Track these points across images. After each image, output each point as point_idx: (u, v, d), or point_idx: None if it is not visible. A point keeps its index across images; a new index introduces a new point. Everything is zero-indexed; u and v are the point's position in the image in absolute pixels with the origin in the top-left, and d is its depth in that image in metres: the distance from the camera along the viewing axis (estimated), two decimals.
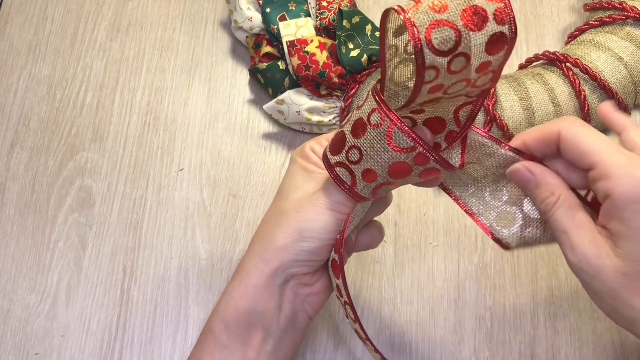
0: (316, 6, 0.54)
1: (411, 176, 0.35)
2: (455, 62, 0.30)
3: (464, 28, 0.29)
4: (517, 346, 0.49)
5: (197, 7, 0.62)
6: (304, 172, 0.40)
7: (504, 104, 0.51)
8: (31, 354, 0.50)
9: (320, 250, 0.39)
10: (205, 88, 0.58)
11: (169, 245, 0.53)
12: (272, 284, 0.39)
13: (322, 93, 0.52)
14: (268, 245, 0.39)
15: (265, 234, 0.40)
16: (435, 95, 0.33)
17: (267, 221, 0.41)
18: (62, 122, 0.57)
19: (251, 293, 0.39)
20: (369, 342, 0.39)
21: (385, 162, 0.35)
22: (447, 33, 0.29)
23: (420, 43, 0.29)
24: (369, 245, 0.43)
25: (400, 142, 0.34)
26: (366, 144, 0.35)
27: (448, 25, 0.29)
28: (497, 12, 0.30)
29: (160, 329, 0.50)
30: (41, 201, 0.54)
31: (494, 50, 0.30)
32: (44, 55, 0.60)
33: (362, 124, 0.35)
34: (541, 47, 0.59)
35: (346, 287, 0.38)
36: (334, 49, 0.52)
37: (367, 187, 0.36)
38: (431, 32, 0.29)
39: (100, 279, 0.52)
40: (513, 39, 0.30)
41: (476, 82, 0.33)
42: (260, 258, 0.39)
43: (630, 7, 0.52)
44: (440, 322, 0.50)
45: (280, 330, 0.40)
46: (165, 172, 0.55)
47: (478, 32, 0.29)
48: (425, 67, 0.29)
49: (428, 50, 0.29)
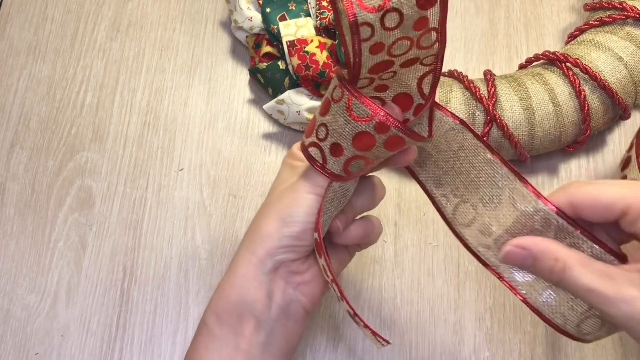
0: (316, 6, 0.54)
1: (377, 147, 0.36)
2: (389, 18, 0.31)
3: None
4: (517, 346, 0.49)
5: (197, 7, 0.62)
6: (289, 168, 0.42)
7: (504, 104, 0.51)
8: (31, 354, 0.50)
9: (304, 234, 0.39)
10: (205, 88, 0.58)
11: (169, 245, 0.53)
12: (260, 272, 0.39)
13: (322, 93, 0.52)
14: (254, 236, 0.40)
15: (252, 227, 0.41)
16: (381, 57, 0.34)
17: (255, 217, 0.42)
18: (62, 122, 0.57)
19: (240, 282, 0.39)
20: (359, 317, 0.39)
21: (349, 133, 0.36)
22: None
23: (351, 0, 0.31)
24: (363, 237, 0.43)
25: (360, 112, 0.35)
26: (330, 119, 0.36)
27: None
28: None
29: (160, 329, 0.50)
30: (41, 201, 0.54)
31: (426, 4, 0.32)
32: (44, 55, 0.60)
33: (327, 102, 0.37)
34: (541, 47, 0.59)
35: (329, 265, 0.38)
36: (334, 49, 0.52)
37: (336, 162, 0.37)
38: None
39: (100, 279, 0.52)
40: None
41: (420, 41, 0.34)
42: (247, 249, 0.40)
43: (630, 7, 0.52)
44: (440, 322, 0.50)
45: (273, 320, 0.40)
46: (165, 172, 0.55)
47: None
48: (358, 23, 0.31)
49: (358, 7, 0.31)
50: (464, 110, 0.51)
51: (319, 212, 0.39)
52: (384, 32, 0.32)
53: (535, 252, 0.34)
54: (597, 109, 0.52)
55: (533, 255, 0.34)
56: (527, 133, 0.51)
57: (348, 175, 0.38)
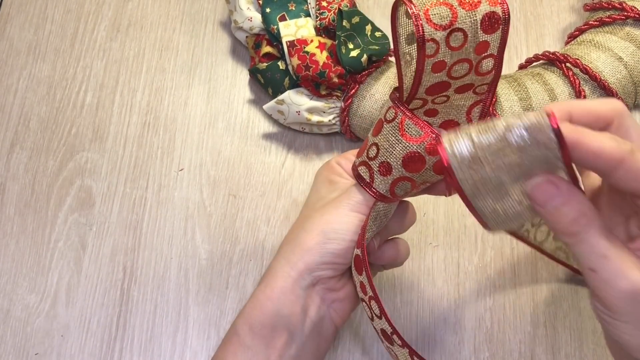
0: (316, 6, 0.54)
1: (426, 170, 0.37)
2: (454, 38, 0.33)
3: (459, 7, 0.32)
4: (517, 346, 0.49)
5: (197, 7, 0.62)
6: (328, 183, 0.42)
7: (503, 104, 0.51)
8: (31, 354, 0.50)
9: (345, 252, 0.39)
10: (205, 88, 0.58)
11: (169, 245, 0.53)
12: (297, 286, 0.39)
13: (322, 93, 0.52)
14: (294, 248, 0.40)
15: (291, 238, 0.41)
16: (440, 76, 0.35)
17: (293, 228, 0.42)
18: (62, 122, 0.57)
19: (277, 295, 0.39)
20: (397, 335, 0.38)
21: (399, 152, 0.37)
22: (443, 10, 0.32)
23: (420, 18, 0.32)
24: (394, 258, 0.43)
25: (412, 132, 0.36)
26: (382, 139, 0.37)
27: (444, 5, 0.32)
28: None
29: (160, 329, 0.50)
30: (41, 201, 0.54)
31: (489, 29, 0.33)
32: (44, 55, 0.60)
33: (380, 122, 0.38)
34: (541, 47, 0.59)
35: (371, 282, 0.38)
36: (334, 49, 0.52)
37: (384, 181, 0.38)
38: (429, 10, 0.32)
39: (100, 279, 0.52)
40: (507, 20, 0.33)
41: (479, 66, 0.35)
42: (286, 261, 0.40)
43: (630, 7, 0.52)
44: (440, 322, 0.50)
45: (305, 335, 0.40)
46: (165, 172, 0.55)
47: (472, 10, 0.33)
48: (425, 39, 0.32)
49: (426, 23, 0.32)
50: None
51: (363, 230, 0.39)
52: (447, 51, 0.33)
53: (567, 196, 0.30)
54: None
55: (565, 198, 0.29)
56: None
57: (393, 196, 0.39)
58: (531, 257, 0.52)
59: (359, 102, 0.52)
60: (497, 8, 0.33)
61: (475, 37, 0.33)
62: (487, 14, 0.33)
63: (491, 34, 0.34)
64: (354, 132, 0.54)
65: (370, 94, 0.52)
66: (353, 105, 0.53)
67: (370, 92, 0.52)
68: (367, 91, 0.52)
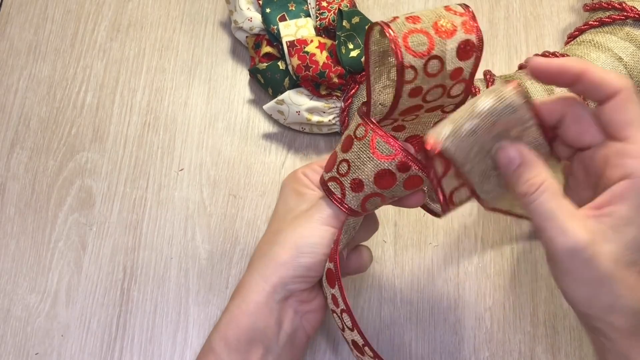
0: (316, 6, 0.54)
1: (397, 186, 0.38)
2: (431, 65, 0.34)
3: (435, 35, 0.33)
4: (517, 346, 0.49)
5: (197, 7, 0.62)
6: (296, 195, 0.42)
7: None
8: (31, 354, 0.50)
9: (317, 265, 0.40)
10: (205, 88, 0.58)
11: (169, 245, 0.53)
12: (272, 300, 0.40)
13: (322, 93, 0.52)
14: (267, 263, 0.40)
15: (264, 252, 0.41)
16: (415, 101, 0.36)
17: (265, 242, 0.42)
18: (62, 122, 0.57)
19: (252, 310, 0.40)
20: (369, 347, 0.39)
21: (371, 170, 0.37)
22: (421, 38, 0.33)
23: (399, 45, 0.33)
24: (359, 267, 0.44)
25: (383, 150, 0.37)
26: (353, 156, 0.38)
27: (422, 33, 0.33)
28: (463, 23, 0.34)
29: (160, 329, 0.50)
30: (41, 201, 0.54)
31: (463, 56, 0.34)
32: (44, 56, 0.60)
33: (350, 139, 0.38)
34: (541, 47, 0.59)
35: (343, 295, 0.39)
36: (334, 49, 0.52)
37: (355, 197, 0.39)
38: (407, 37, 0.33)
39: (100, 279, 0.52)
40: (481, 48, 0.34)
41: (451, 90, 0.36)
42: (260, 275, 0.40)
43: (630, 7, 0.52)
44: (440, 322, 0.50)
45: (280, 347, 0.40)
46: (165, 172, 0.55)
47: (448, 39, 0.34)
48: (404, 65, 0.33)
49: (405, 50, 0.33)
50: None
51: (336, 244, 0.39)
52: (425, 77, 0.34)
53: (527, 160, 0.34)
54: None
55: (524, 161, 0.34)
56: None
57: (364, 211, 0.40)
58: (531, 257, 0.52)
59: (359, 102, 0.52)
60: (472, 36, 0.34)
61: (451, 64, 0.34)
62: (463, 41, 0.34)
63: (465, 61, 0.35)
64: None
65: None
66: (353, 105, 0.53)
67: None
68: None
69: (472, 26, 0.34)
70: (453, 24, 0.34)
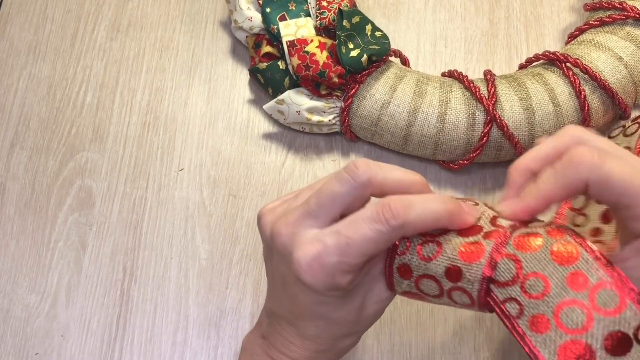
0: (316, 6, 0.54)
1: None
2: (424, 284, 0.36)
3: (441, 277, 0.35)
4: (517, 346, 0.49)
5: (197, 7, 0.62)
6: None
7: (504, 104, 0.51)
8: (31, 354, 0.50)
9: None
10: (205, 88, 0.58)
11: (169, 245, 0.53)
12: None
13: (322, 93, 0.52)
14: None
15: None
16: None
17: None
18: (62, 122, 0.57)
19: None
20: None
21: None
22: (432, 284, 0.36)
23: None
24: None
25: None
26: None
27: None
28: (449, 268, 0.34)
29: (160, 329, 0.50)
30: (41, 201, 0.54)
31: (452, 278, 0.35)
32: (44, 55, 0.60)
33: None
34: (541, 47, 0.59)
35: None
36: (334, 49, 0.52)
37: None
38: (421, 248, 0.35)
39: (100, 279, 0.52)
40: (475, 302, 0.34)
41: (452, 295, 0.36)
42: None
43: (630, 7, 0.52)
44: (440, 322, 0.50)
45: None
46: (165, 172, 0.55)
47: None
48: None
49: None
50: (464, 110, 0.51)
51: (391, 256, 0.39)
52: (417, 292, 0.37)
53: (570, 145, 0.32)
54: (597, 109, 0.52)
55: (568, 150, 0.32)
56: (527, 133, 0.51)
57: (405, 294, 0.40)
58: None
59: (359, 102, 0.52)
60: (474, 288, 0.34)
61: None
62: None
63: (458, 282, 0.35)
64: (354, 132, 0.54)
65: (370, 94, 0.52)
66: (353, 105, 0.53)
67: (370, 92, 0.52)
68: (367, 91, 0.52)
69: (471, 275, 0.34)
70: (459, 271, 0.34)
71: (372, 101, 0.52)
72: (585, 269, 0.31)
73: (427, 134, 0.52)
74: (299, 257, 0.34)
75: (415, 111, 0.51)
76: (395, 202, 0.33)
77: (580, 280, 0.30)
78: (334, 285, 0.34)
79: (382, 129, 0.53)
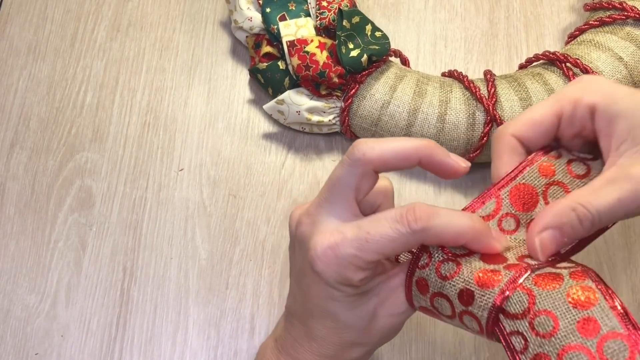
0: (316, 6, 0.54)
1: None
2: (438, 301, 0.36)
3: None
4: None
5: (197, 7, 0.62)
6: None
7: (504, 104, 0.51)
8: (31, 354, 0.50)
9: None
10: (205, 88, 0.58)
11: (169, 245, 0.53)
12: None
13: (322, 93, 0.52)
14: None
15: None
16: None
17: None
18: (62, 122, 0.57)
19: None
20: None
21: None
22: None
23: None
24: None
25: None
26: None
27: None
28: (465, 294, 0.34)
29: (160, 329, 0.50)
30: (41, 201, 0.54)
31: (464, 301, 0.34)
32: (44, 55, 0.60)
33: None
34: (541, 47, 0.59)
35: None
36: (334, 49, 0.52)
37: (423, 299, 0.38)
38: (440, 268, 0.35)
39: (100, 279, 0.52)
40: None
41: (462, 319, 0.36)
42: None
43: (630, 7, 0.52)
44: (440, 322, 0.50)
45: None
46: (165, 172, 0.55)
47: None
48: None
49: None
50: (464, 110, 0.51)
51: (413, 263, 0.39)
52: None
53: (559, 223, 0.34)
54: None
55: (560, 226, 0.34)
56: None
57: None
58: None
59: (359, 102, 0.52)
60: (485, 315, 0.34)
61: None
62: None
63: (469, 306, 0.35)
64: (354, 132, 0.54)
65: (371, 94, 0.52)
66: (353, 105, 0.53)
67: (371, 92, 0.52)
68: (367, 91, 0.52)
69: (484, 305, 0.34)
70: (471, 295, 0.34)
71: (372, 101, 0.52)
72: (599, 316, 0.30)
73: (427, 134, 0.52)
74: (315, 244, 0.35)
75: (415, 111, 0.51)
76: (421, 207, 0.33)
77: (591, 327, 0.30)
78: (345, 279, 0.35)
79: (382, 129, 0.53)
